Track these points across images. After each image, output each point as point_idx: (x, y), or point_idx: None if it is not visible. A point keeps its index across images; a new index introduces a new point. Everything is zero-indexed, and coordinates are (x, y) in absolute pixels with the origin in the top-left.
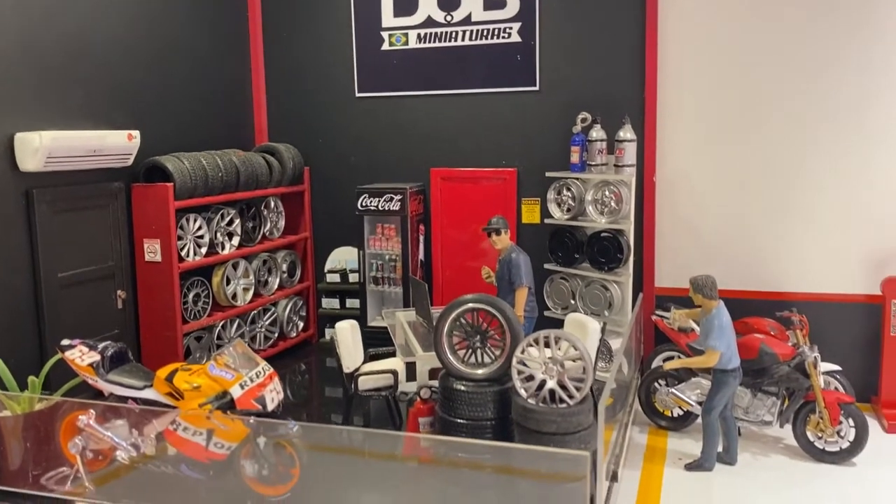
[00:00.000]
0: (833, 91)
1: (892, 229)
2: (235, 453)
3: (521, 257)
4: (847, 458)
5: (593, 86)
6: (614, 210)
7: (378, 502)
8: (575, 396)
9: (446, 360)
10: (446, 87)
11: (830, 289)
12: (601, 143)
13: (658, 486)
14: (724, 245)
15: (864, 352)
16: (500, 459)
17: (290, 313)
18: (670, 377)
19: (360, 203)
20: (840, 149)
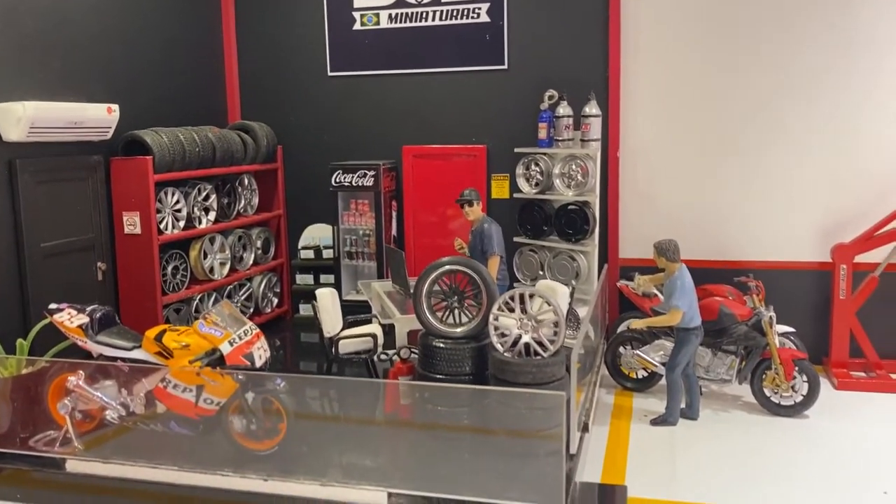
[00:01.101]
0: (790, 68)
1: (841, 200)
2: (224, 409)
3: (492, 227)
4: (801, 412)
5: (560, 64)
6: (581, 183)
7: (360, 458)
8: (549, 349)
9: (425, 320)
10: (417, 66)
11: (784, 257)
12: (568, 119)
13: (626, 440)
14: (684, 216)
15: (815, 315)
16: (478, 419)
17: (265, 289)
18: (635, 340)
19: (334, 179)
20: (793, 124)
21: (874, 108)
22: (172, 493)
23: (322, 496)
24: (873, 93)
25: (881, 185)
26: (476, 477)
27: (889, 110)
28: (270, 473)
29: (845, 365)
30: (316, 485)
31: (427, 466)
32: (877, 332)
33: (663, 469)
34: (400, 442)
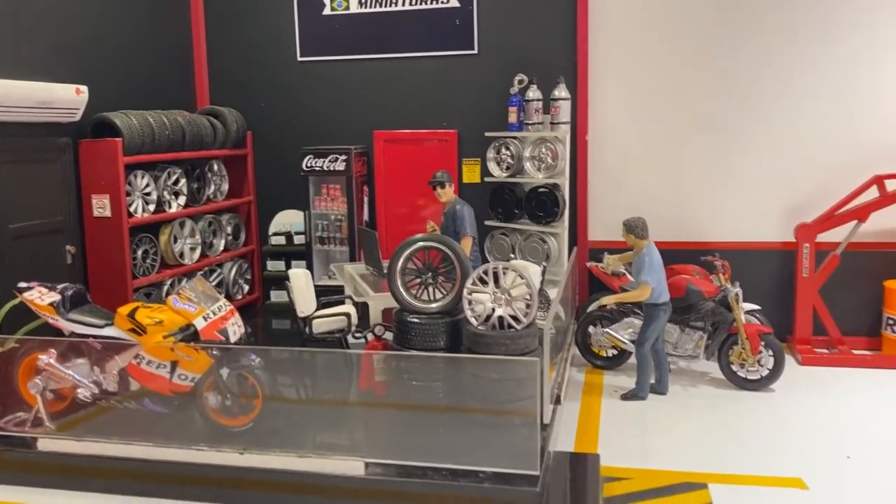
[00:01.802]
0: (755, 53)
1: (804, 181)
2: (200, 384)
3: (465, 209)
4: (767, 385)
5: (529, 48)
6: (551, 166)
7: (336, 430)
8: (522, 321)
9: (400, 296)
10: (388, 51)
11: (749, 237)
12: (537, 103)
13: (597, 414)
14: (652, 199)
15: (780, 294)
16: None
17: (236, 276)
18: (604, 319)
19: (305, 164)
20: (758, 108)
21: (835, 92)
22: (147, 470)
23: (299, 468)
24: (834, 76)
25: (841, 166)
26: (452, 446)
27: (848, 93)
28: (246, 447)
29: (809, 342)
30: (293, 457)
31: (404, 437)
32: (838, 310)
33: (634, 440)
34: (377, 414)
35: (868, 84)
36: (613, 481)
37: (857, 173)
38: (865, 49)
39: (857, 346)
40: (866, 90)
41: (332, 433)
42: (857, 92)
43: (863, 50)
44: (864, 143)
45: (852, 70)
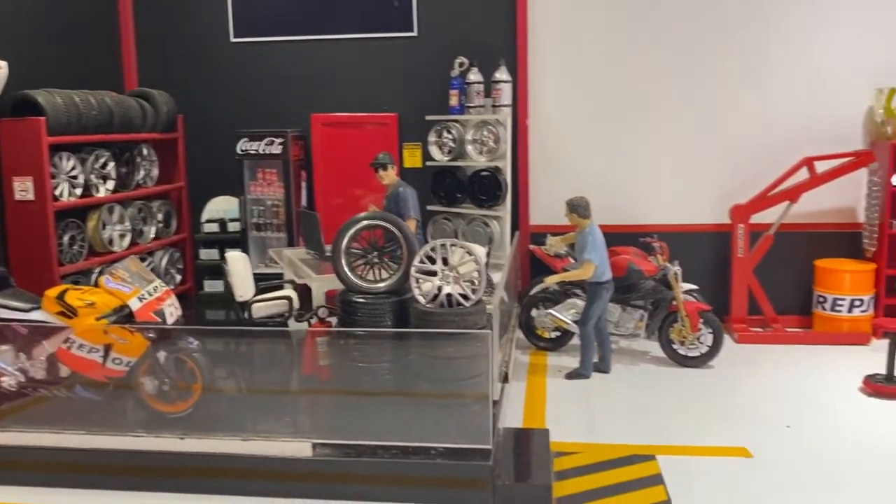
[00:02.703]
0: (690, 38)
1: (738, 164)
2: (135, 369)
3: (408, 191)
4: (706, 362)
5: (469, 31)
6: (493, 149)
7: (283, 412)
8: (471, 298)
9: (345, 277)
10: (325, 32)
11: (686, 219)
12: (478, 86)
13: (543, 393)
14: (591, 182)
15: (716, 275)
16: (403, 370)
17: (168, 265)
18: (547, 301)
19: (240, 147)
20: (694, 93)
21: (767, 76)
22: (82, 460)
23: (244, 451)
24: (766, 61)
25: (773, 149)
26: (402, 425)
27: (778, 79)
28: (187, 432)
29: (745, 321)
30: (237, 440)
31: (352, 418)
32: (772, 289)
33: (580, 417)
34: (324, 395)
35: (798, 68)
36: (563, 456)
37: (789, 156)
38: (797, 32)
39: (790, 324)
40: (797, 74)
41: (277, 416)
42: (787, 76)
43: (794, 33)
44: (794, 126)
45: (784, 54)
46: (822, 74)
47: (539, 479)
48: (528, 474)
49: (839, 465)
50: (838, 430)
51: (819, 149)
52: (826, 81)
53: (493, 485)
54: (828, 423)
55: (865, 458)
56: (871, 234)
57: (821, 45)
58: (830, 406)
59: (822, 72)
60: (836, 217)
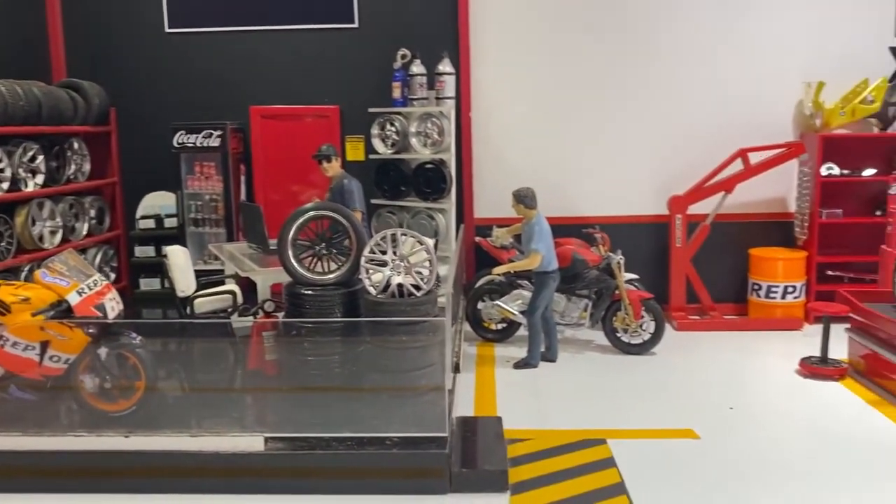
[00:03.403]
0: (628, 32)
1: (675, 156)
2: (74, 367)
3: (352, 183)
4: (649, 349)
5: (411, 23)
6: (437, 142)
7: (233, 407)
8: (422, 288)
9: (292, 269)
10: (264, 23)
11: (626, 211)
12: (421, 78)
13: (492, 382)
14: (534, 175)
15: (655, 264)
16: (355, 362)
17: (102, 263)
18: (494, 293)
19: (176, 140)
20: (632, 86)
21: (700, 72)
22: (20, 463)
23: (194, 448)
24: (701, 55)
25: (709, 141)
26: (356, 416)
27: (713, 73)
28: (132, 430)
29: (683, 309)
30: (185, 436)
31: (305, 411)
32: (709, 277)
33: (530, 405)
34: (275, 389)
35: (732, 63)
36: (516, 443)
37: (724, 148)
38: (730, 27)
39: (727, 312)
40: (731, 69)
41: (227, 412)
42: (722, 71)
43: (727, 29)
44: (729, 119)
45: (718, 48)
46: (755, 69)
47: (494, 465)
48: (484, 461)
49: (781, 443)
50: (778, 410)
51: (752, 141)
52: (758, 76)
53: (449, 472)
54: (768, 404)
55: (805, 436)
56: (802, 222)
57: (753, 41)
58: (770, 388)
59: (755, 66)
60: (769, 207)
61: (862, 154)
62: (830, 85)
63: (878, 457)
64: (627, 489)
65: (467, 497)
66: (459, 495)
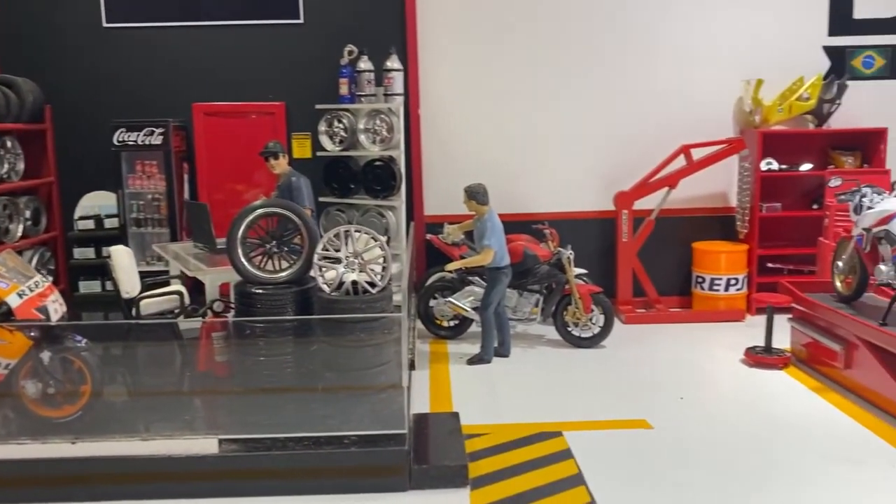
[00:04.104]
0: (573, 30)
1: (621, 153)
2: (15, 372)
3: (301, 180)
4: (598, 342)
5: (357, 18)
6: (386, 139)
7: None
8: (377, 284)
9: (242, 268)
10: (206, 18)
11: (574, 207)
12: (369, 75)
13: (446, 379)
14: (483, 172)
15: (603, 260)
16: (310, 361)
17: (38, 265)
18: (446, 290)
19: (117, 138)
20: (577, 84)
21: (645, 71)
22: None
23: (144, 452)
24: (644, 53)
25: (653, 137)
26: (313, 416)
27: (657, 72)
28: (79, 436)
29: (630, 303)
30: (136, 441)
31: (260, 412)
32: (655, 271)
33: (486, 400)
34: (229, 390)
35: (675, 62)
36: (473, 437)
37: (667, 144)
38: (672, 27)
39: (672, 304)
40: (674, 67)
41: (179, 415)
42: (665, 69)
43: (669, 28)
44: (672, 116)
45: (660, 47)
46: (697, 67)
47: (453, 461)
48: (443, 456)
49: (730, 431)
50: (726, 399)
51: (695, 137)
52: (700, 74)
53: (409, 469)
54: (716, 394)
55: (753, 423)
56: (744, 216)
57: (694, 40)
58: (717, 378)
59: (697, 65)
60: (711, 202)
61: (799, 149)
62: (769, 83)
63: (823, 441)
64: (585, 480)
65: (427, 493)
66: (419, 492)
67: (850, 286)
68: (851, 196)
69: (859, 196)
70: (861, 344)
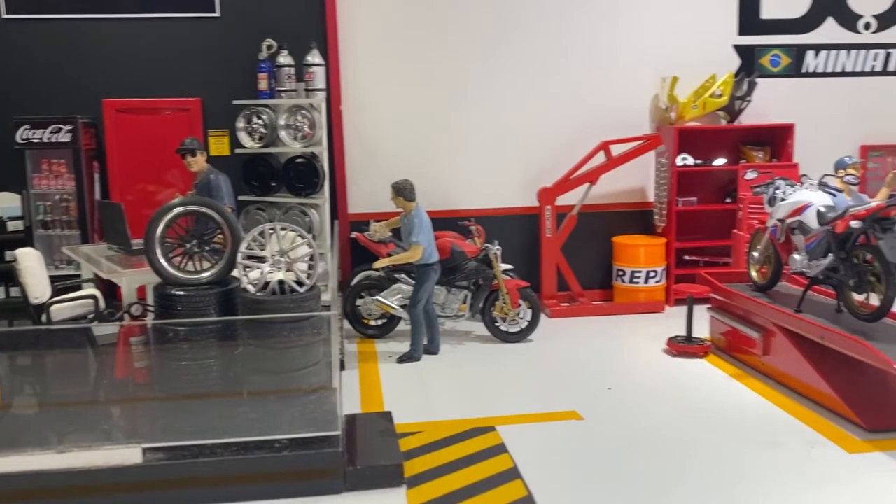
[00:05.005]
0: (495, 27)
1: (543, 149)
2: None
3: (220, 178)
4: (526, 336)
5: (276, 12)
6: (308, 135)
7: (107, 419)
8: (305, 283)
9: (162, 269)
10: (117, 10)
11: (499, 203)
12: (289, 69)
13: (376, 378)
14: (408, 169)
15: (527, 255)
16: (236, 364)
17: None
18: (373, 288)
19: (20, 136)
20: (499, 81)
21: (565, 69)
22: None
23: (61, 465)
24: (563, 56)
25: (575, 134)
26: (242, 421)
27: (577, 70)
28: None
29: (555, 297)
30: (51, 454)
31: (186, 419)
32: (578, 266)
33: (417, 398)
34: (152, 398)
35: (594, 60)
36: (407, 436)
37: (588, 140)
38: (591, 26)
39: (595, 297)
40: (593, 65)
41: (98, 424)
42: (584, 66)
43: (588, 27)
44: (592, 114)
45: (580, 45)
46: (615, 65)
47: (389, 460)
48: (378, 456)
49: (657, 419)
50: (651, 388)
51: (614, 134)
52: (618, 72)
53: (343, 471)
54: (642, 383)
55: (678, 410)
56: (661, 211)
57: (612, 38)
58: (642, 368)
59: (615, 62)
60: (631, 197)
61: (712, 145)
62: (684, 80)
63: (744, 425)
64: (521, 473)
65: (364, 494)
66: (355, 493)
67: (765, 275)
68: (766, 188)
69: (773, 188)
70: (778, 331)
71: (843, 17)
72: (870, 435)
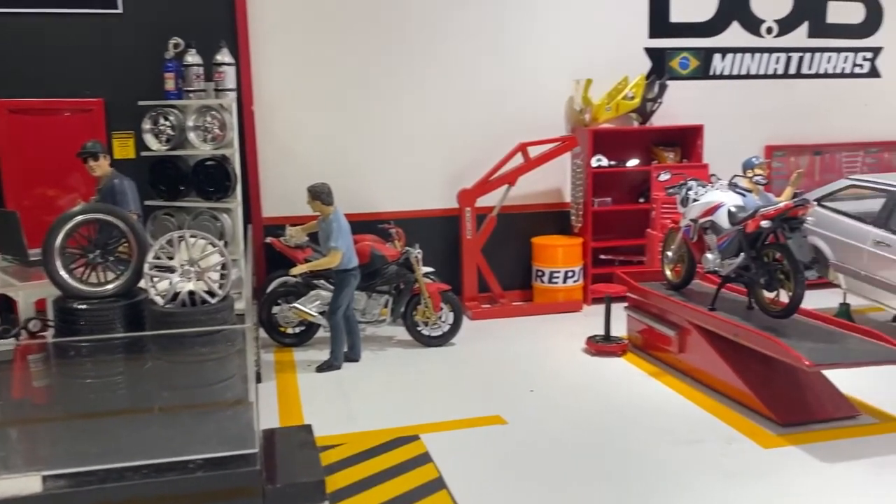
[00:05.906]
0: (412, 27)
1: (462, 151)
2: None
3: (125, 182)
4: (448, 340)
5: (182, 9)
6: (218, 137)
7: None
8: (217, 294)
9: (62, 281)
10: (9, 4)
11: (418, 205)
12: (198, 69)
13: (295, 389)
14: (324, 172)
15: (448, 257)
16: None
17: None
18: (290, 295)
19: None
20: (417, 82)
21: (483, 72)
22: None
23: None
24: (481, 58)
25: (493, 136)
26: (151, 442)
27: (494, 73)
28: None
29: (476, 298)
30: None
31: (90, 440)
32: (498, 267)
33: (338, 408)
34: (50, 421)
35: (511, 62)
36: (328, 449)
37: (507, 142)
38: (506, 28)
39: (515, 298)
40: (510, 68)
41: None
42: (501, 70)
43: (503, 29)
44: (510, 116)
45: (495, 48)
46: (530, 67)
47: (309, 476)
48: (298, 473)
49: (580, 419)
50: (573, 387)
51: (531, 136)
52: (534, 74)
53: (262, 490)
54: (564, 384)
55: (599, 409)
56: (578, 211)
57: (527, 41)
58: (563, 368)
59: (530, 65)
60: (548, 198)
61: (626, 146)
62: (597, 82)
63: (664, 423)
64: (446, 483)
65: None
66: None
67: (679, 274)
68: (679, 189)
69: (686, 189)
70: (692, 328)
71: (747, 21)
72: (784, 429)
